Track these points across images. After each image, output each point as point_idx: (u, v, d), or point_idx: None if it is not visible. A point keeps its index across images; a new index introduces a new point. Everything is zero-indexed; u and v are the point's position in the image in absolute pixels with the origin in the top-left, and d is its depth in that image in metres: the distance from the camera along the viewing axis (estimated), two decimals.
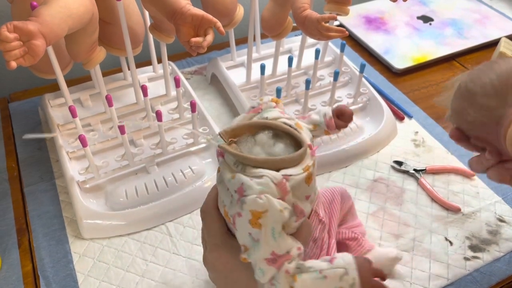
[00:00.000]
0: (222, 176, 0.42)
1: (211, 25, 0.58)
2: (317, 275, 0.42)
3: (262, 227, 0.38)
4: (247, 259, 0.41)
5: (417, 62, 0.95)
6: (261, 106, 0.46)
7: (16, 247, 0.62)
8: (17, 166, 0.73)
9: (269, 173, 0.39)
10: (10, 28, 0.47)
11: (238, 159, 0.40)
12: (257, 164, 0.39)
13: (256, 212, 0.38)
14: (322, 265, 0.43)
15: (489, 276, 0.60)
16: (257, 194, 0.38)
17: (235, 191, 0.39)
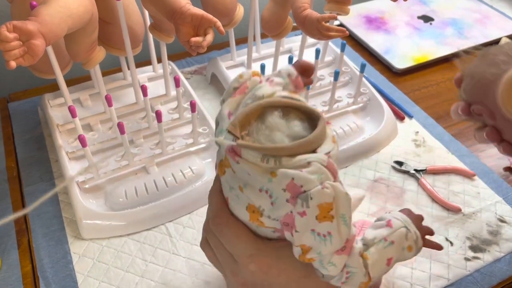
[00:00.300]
0: (248, 179, 0.36)
1: (211, 24, 0.58)
2: (384, 243, 0.41)
3: (334, 218, 0.35)
4: (315, 258, 0.37)
5: (418, 62, 0.95)
6: (246, 84, 0.41)
7: (16, 248, 0.61)
8: (16, 166, 0.73)
9: (315, 157, 0.35)
10: (9, 27, 0.47)
11: (269, 152, 0.35)
12: (293, 152, 0.35)
13: (326, 204, 0.34)
14: (383, 232, 0.42)
15: (490, 276, 0.60)
16: (320, 185, 0.34)
17: (283, 190, 0.35)
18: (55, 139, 0.70)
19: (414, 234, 0.43)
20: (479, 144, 0.78)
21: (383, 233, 0.41)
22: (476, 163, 0.75)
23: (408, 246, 0.42)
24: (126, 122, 0.70)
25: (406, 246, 0.42)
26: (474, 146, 0.78)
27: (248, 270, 0.41)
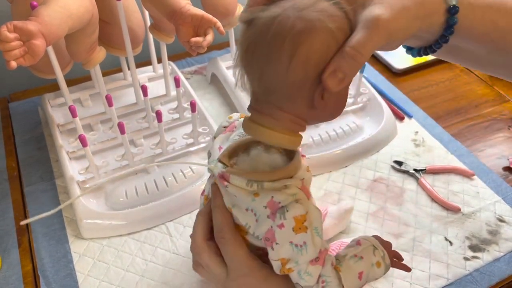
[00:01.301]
0: (236, 201, 0.42)
1: (211, 25, 0.58)
2: (354, 259, 0.46)
3: (308, 229, 0.39)
4: (293, 268, 0.41)
5: (417, 62, 0.95)
6: (234, 123, 0.49)
7: (16, 247, 0.62)
8: (17, 166, 0.73)
9: (291, 181, 0.40)
10: (10, 28, 0.47)
11: (254, 178, 0.40)
12: (273, 178, 0.40)
13: (300, 216, 0.39)
14: (353, 249, 0.47)
15: (489, 276, 0.60)
16: (295, 201, 0.39)
17: (264, 207, 0.40)
18: (55, 139, 0.71)
19: (381, 251, 0.48)
20: (478, 143, 0.78)
21: (353, 250, 0.47)
22: (475, 162, 0.75)
23: (376, 262, 0.47)
24: (127, 122, 0.70)
25: (375, 262, 0.47)
26: (473, 146, 0.78)
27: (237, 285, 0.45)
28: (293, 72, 0.35)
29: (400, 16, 0.34)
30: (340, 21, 0.35)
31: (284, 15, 0.35)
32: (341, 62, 0.34)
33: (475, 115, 0.85)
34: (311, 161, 0.71)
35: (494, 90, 0.91)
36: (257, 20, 0.36)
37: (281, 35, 0.34)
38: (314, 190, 0.70)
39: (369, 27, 0.34)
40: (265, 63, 0.36)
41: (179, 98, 0.71)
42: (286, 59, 0.34)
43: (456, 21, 0.38)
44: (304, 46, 0.34)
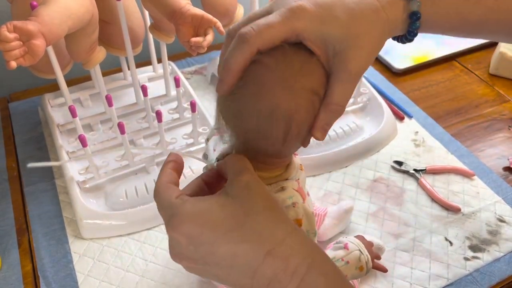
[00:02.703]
0: None
1: (211, 25, 0.58)
2: (341, 263, 0.49)
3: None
4: None
5: (417, 62, 0.95)
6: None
7: (16, 247, 0.62)
8: (17, 166, 0.73)
9: (288, 183, 0.41)
10: (10, 28, 0.47)
11: None
12: (272, 180, 0.41)
13: (296, 221, 0.40)
14: (340, 253, 0.50)
15: (489, 276, 0.60)
16: (291, 205, 0.40)
17: None
18: (55, 139, 0.70)
19: (366, 256, 0.52)
20: (478, 143, 0.78)
21: (341, 254, 0.51)
22: (475, 163, 0.75)
23: (360, 266, 0.51)
24: (126, 122, 0.70)
25: (359, 266, 0.51)
26: (473, 146, 0.78)
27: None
28: (289, 144, 0.37)
29: (368, 53, 0.36)
30: (320, 77, 0.35)
31: (270, 93, 0.34)
32: (327, 118, 0.36)
33: (475, 115, 0.85)
34: (312, 161, 0.71)
35: (494, 90, 0.91)
36: (238, 97, 0.35)
37: (272, 116, 0.34)
38: (314, 190, 0.70)
39: (343, 79, 0.35)
40: (258, 139, 0.36)
41: (179, 98, 0.71)
42: (281, 137, 0.35)
43: (417, 26, 0.38)
44: (295, 122, 0.35)
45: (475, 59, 0.99)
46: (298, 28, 0.34)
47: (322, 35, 0.35)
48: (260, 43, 0.34)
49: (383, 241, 0.63)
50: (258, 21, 0.34)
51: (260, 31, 0.34)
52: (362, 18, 0.35)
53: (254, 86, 0.34)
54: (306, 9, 0.34)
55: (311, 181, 0.71)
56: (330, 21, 0.35)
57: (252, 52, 0.34)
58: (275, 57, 0.34)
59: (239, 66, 0.34)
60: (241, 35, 0.34)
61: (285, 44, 0.35)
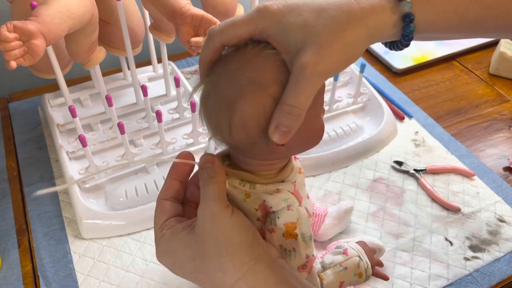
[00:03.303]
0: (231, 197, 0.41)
1: (211, 25, 0.58)
2: (339, 268, 0.49)
3: (298, 236, 0.40)
4: None
5: (417, 62, 0.95)
6: None
7: (16, 247, 0.62)
8: (17, 166, 0.73)
9: (284, 185, 0.40)
10: (10, 27, 0.47)
11: (247, 179, 0.40)
12: (267, 181, 0.40)
13: (291, 224, 0.39)
14: (339, 258, 0.50)
15: (489, 276, 0.60)
16: (286, 207, 0.39)
17: (255, 209, 0.40)
18: (55, 139, 0.70)
19: (366, 263, 0.51)
20: (478, 143, 0.78)
21: (340, 259, 0.50)
22: (475, 163, 0.75)
23: (359, 273, 0.50)
24: (126, 122, 0.70)
25: (357, 273, 0.50)
26: (473, 146, 0.78)
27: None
28: (237, 136, 0.36)
29: (330, 52, 0.33)
30: (272, 73, 0.35)
31: (219, 83, 0.36)
32: (281, 119, 0.34)
33: (475, 115, 0.85)
34: (312, 161, 0.71)
35: (494, 90, 0.91)
36: (204, 85, 0.38)
37: (218, 103, 0.36)
38: (314, 190, 0.70)
39: (298, 78, 0.33)
40: (214, 128, 0.38)
41: (179, 98, 0.71)
42: (226, 127, 0.36)
43: (412, 29, 0.36)
44: (237, 114, 0.35)
45: (475, 59, 0.99)
46: (261, 26, 0.35)
47: (284, 32, 0.35)
48: (223, 38, 0.36)
49: (383, 241, 0.63)
50: (225, 20, 0.37)
51: (223, 28, 0.37)
52: (329, 18, 0.34)
53: (214, 74, 0.37)
54: (271, 8, 0.35)
55: (311, 181, 0.71)
56: (293, 19, 0.34)
57: (215, 46, 0.37)
58: (236, 51, 0.37)
59: (206, 58, 0.37)
60: (208, 32, 0.38)
61: (250, 41, 0.36)
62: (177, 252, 0.38)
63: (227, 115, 0.35)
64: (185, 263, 0.37)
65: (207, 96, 0.37)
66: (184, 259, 0.37)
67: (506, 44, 0.94)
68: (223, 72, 0.36)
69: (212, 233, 0.36)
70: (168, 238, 0.38)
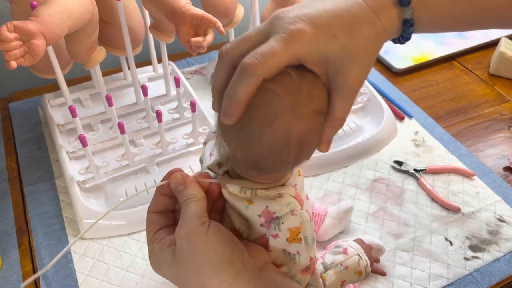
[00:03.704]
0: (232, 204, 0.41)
1: (211, 25, 0.58)
2: (340, 268, 0.50)
3: (302, 240, 0.40)
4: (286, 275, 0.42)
5: (417, 62, 0.95)
6: None
7: (16, 247, 0.62)
8: (17, 166, 0.73)
9: (285, 190, 0.40)
10: (10, 27, 0.47)
11: (247, 186, 0.40)
12: (267, 186, 0.40)
13: (295, 228, 0.39)
14: (340, 258, 0.51)
15: (489, 276, 0.60)
16: (290, 212, 0.39)
17: (258, 216, 0.40)
18: (55, 139, 0.70)
19: (365, 261, 0.52)
20: (478, 143, 0.78)
21: (340, 259, 0.51)
22: (475, 163, 0.75)
23: (359, 271, 0.51)
24: (127, 122, 0.70)
25: (358, 271, 0.51)
26: (473, 146, 0.78)
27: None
28: (298, 164, 0.38)
29: (368, 69, 0.37)
30: (325, 97, 0.36)
31: (281, 120, 0.34)
32: (332, 132, 0.37)
33: (475, 115, 0.85)
34: (312, 161, 0.71)
35: (494, 90, 0.91)
36: (246, 125, 0.35)
37: (284, 143, 0.35)
38: (314, 190, 0.70)
39: (345, 95, 0.36)
40: (271, 164, 0.36)
41: (179, 98, 0.71)
42: (293, 161, 0.36)
43: (411, 32, 0.39)
44: (307, 144, 0.36)
45: (475, 59, 0.99)
46: (300, 53, 0.35)
47: (322, 56, 0.35)
48: (265, 72, 0.34)
49: (383, 241, 0.63)
50: (260, 50, 0.34)
51: (264, 61, 0.33)
52: (360, 36, 0.36)
53: (266, 114, 0.34)
54: (306, 32, 0.34)
55: (311, 181, 0.71)
56: (329, 41, 0.35)
57: (258, 82, 0.34)
58: (283, 84, 0.34)
59: (245, 97, 0.34)
60: (245, 67, 0.34)
61: (290, 69, 0.35)
62: (162, 269, 0.40)
63: (296, 151, 0.35)
64: (171, 279, 0.40)
65: (259, 138, 0.34)
66: (169, 275, 0.40)
67: (506, 44, 0.94)
68: (281, 109, 0.34)
69: (188, 253, 0.37)
70: (155, 254, 0.40)
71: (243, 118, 0.34)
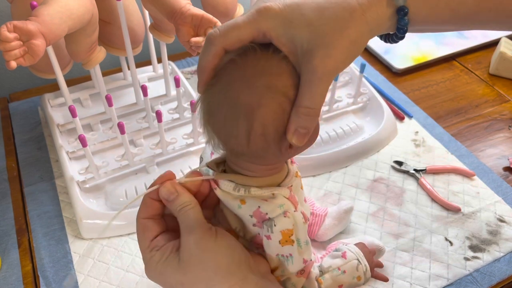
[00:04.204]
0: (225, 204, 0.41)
1: (211, 25, 0.58)
2: (337, 272, 0.49)
3: (295, 243, 0.40)
4: (280, 277, 0.42)
5: (417, 62, 0.95)
6: None
7: (16, 247, 0.62)
8: (17, 166, 0.73)
9: (279, 190, 0.40)
10: (10, 27, 0.47)
11: (241, 182, 0.39)
12: (262, 184, 0.40)
13: (287, 231, 0.39)
14: (337, 262, 0.50)
15: (489, 276, 0.60)
16: (283, 213, 0.39)
17: (250, 216, 0.39)
18: (55, 139, 0.70)
19: (364, 266, 0.51)
20: (478, 143, 0.78)
21: (338, 263, 0.50)
22: (475, 163, 0.75)
23: (357, 276, 0.51)
24: (126, 122, 0.70)
25: (356, 276, 0.50)
26: (473, 146, 0.78)
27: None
28: (254, 144, 0.36)
29: (338, 52, 0.34)
30: (287, 78, 0.35)
31: (233, 91, 0.34)
32: (300, 121, 0.35)
33: (475, 115, 0.85)
34: (312, 161, 0.71)
35: (494, 90, 0.91)
36: (209, 94, 0.36)
37: (234, 112, 0.34)
38: (314, 190, 0.70)
39: (311, 80, 0.34)
40: (227, 137, 0.36)
41: (179, 98, 0.71)
42: (244, 136, 0.35)
43: (406, 22, 0.36)
44: (257, 122, 0.34)
45: (475, 59, 0.99)
46: (264, 28, 0.34)
47: (289, 34, 0.34)
48: (225, 42, 0.35)
49: (383, 241, 0.63)
50: (225, 23, 0.36)
51: (224, 32, 0.35)
52: (332, 16, 0.34)
53: (223, 82, 0.35)
54: (272, 9, 0.34)
55: (311, 181, 0.71)
56: (297, 19, 0.34)
57: (217, 51, 0.35)
58: (244, 56, 0.35)
59: (207, 64, 0.36)
60: (207, 37, 0.36)
61: (256, 44, 0.35)
62: (166, 275, 0.38)
63: (245, 123, 0.34)
64: (175, 285, 0.38)
65: (217, 105, 0.36)
66: (173, 282, 0.38)
67: (506, 44, 0.94)
68: (236, 79, 0.35)
69: (199, 258, 0.37)
70: (157, 261, 0.39)
71: (207, 88, 0.36)
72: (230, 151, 0.38)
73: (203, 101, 0.37)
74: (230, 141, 0.36)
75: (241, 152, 0.37)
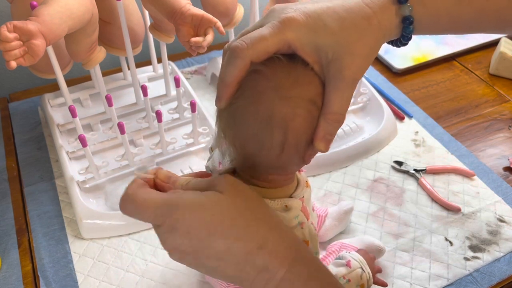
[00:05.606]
0: None
1: (211, 25, 0.58)
2: (342, 281, 0.49)
3: None
4: None
5: (417, 62, 0.95)
6: None
7: (16, 247, 0.62)
8: (17, 166, 0.73)
9: (293, 202, 0.40)
10: (10, 27, 0.47)
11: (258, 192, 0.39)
12: (273, 196, 0.40)
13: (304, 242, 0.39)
14: (342, 270, 0.50)
15: (489, 276, 0.60)
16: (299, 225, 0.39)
17: None
18: (55, 139, 0.70)
19: (368, 274, 0.51)
20: (478, 143, 0.78)
21: (343, 271, 0.50)
22: (475, 163, 0.75)
23: (361, 284, 0.51)
24: (126, 122, 0.70)
25: (360, 284, 0.51)
26: (473, 146, 0.78)
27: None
28: (286, 155, 0.36)
29: (361, 59, 0.36)
30: (316, 86, 0.35)
31: (265, 101, 0.34)
32: (329, 128, 0.36)
33: (475, 115, 0.85)
34: (312, 161, 0.71)
35: (494, 90, 0.91)
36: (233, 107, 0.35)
37: (267, 124, 0.34)
38: (314, 190, 0.70)
39: (339, 87, 0.35)
40: (256, 150, 0.36)
41: (179, 98, 0.71)
42: (278, 147, 0.35)
43: (411, 30, 0.38)
44: (292, 131, 0.34)
45: (475, 59, 0.99)
46: (289, 39, 0.35)
47: (314, 44, 0.35)
48: (252, 55, 0.35)
49: (383, 241, 0.63)
50: (249, 34, 0.35)
51: (251, 44, 0.35)
52: (352, 26, 0.36)
53: (251, 94, 0.35)
54: (296, 20, 0.35)
55: (311, 181, 0.71)
56: (320, 29, 0.35)
57: (245, 65, 0.35)
58: (272, 67, 0.35)
59: (234, 79, 0.35)
60: (232, 49, 0.35)
61: (280, 55, 0.35)
62: (206, 209, 0.33)
63: (280, 135, 0.34)
64: (218, 218, 0.33)
65: (244, 118, 0.35)
66: (217, 213, 0.33)
67: (506, 44, 0.94)
68: (266, 91, 0.34)
69: (239, 189, 0.35)
70: (192, 195, 0.34)
71: (232, 101, 0.35)
72: (252, 163, 0.37)
73: (225, 114, 0.36)
74: (260, 153, 0.36)
75: (268, 164, 0.37)
